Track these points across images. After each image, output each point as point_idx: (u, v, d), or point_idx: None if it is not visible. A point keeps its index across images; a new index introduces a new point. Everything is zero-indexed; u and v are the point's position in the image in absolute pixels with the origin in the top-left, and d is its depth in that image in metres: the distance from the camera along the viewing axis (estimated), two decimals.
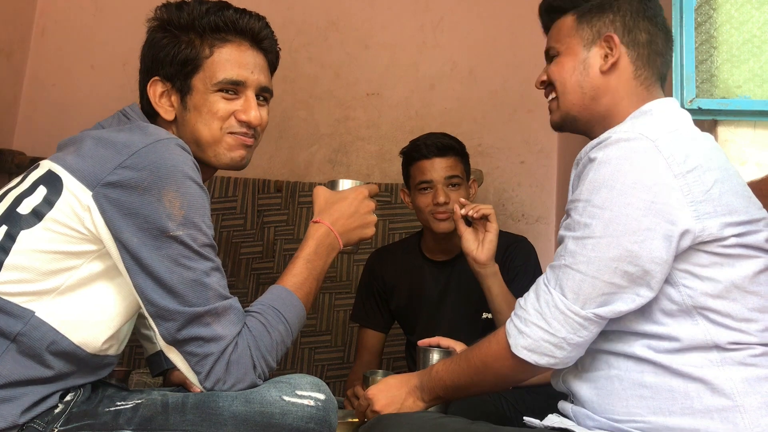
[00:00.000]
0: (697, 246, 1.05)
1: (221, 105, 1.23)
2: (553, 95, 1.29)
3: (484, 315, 1.91)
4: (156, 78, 1.24)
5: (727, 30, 1.68)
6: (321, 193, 1.37)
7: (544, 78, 1.30)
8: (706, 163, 1.08)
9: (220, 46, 1.24)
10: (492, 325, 1.90)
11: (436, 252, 2.00)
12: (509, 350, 1.12)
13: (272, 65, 1.35)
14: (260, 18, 1.29)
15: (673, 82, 1.68)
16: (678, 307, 1.06)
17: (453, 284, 1.97)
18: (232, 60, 1.24)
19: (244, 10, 1.27)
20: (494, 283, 1.68)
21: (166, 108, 1.24)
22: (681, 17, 1.68)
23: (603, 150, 1.09)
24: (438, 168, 1.88)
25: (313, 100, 2.82)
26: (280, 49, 1.36)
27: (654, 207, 1.04)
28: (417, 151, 1.92)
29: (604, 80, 1.23)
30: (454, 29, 2.89)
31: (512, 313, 1.15)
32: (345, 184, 1.39)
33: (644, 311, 1.08)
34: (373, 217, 1.36)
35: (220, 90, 1.23)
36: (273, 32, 1.32)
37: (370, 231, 1.36)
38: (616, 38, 1.22)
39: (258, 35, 1.28)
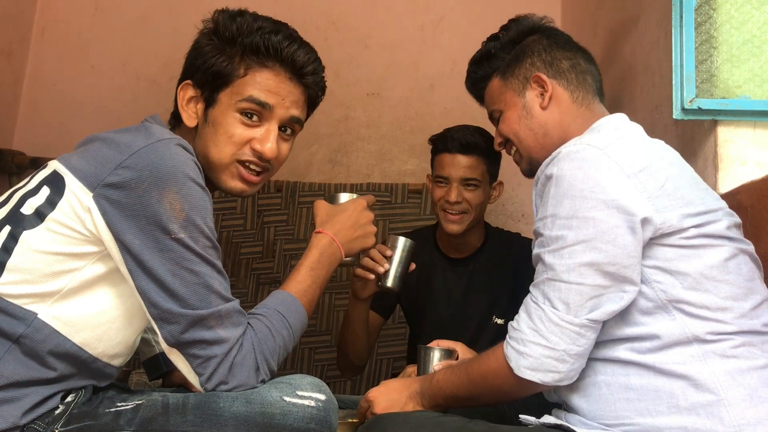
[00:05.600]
0: (660, 240, 1.09)
1: (238, 129, 1.20)
2: (514, 149, 1.40)
3: (495, 319, 1.88)
4: (188, 82, 1.22)
5: (727, 30, 1.68)
6: (322, 206, 1.39)
7: (500, 139, 1.43)
8: (656, 162, 1.13)
9: (256, 70, 1.21)
10: (502, 330, 1.87)
11: (450, 248, 1.97)
12: (511, 371, 1.12)
13: (311, 101, 1.31)
14: (309, 51, 1.25)
15: (673, 82, 1.68)
16: (654, 304, 1.08)
17: (464, 284, 1.93)
18: (263, 84, 1.20)
19: (294, 39, 1.23)
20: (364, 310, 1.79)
21: (189, 113, 1.22)
22: (681, 17, 1.67)
23: (556, 165, 1.13)
24: (457, 166, 1.83)
25: None
26: (326, 86, 1.32)
27: (615, 204, 1.08)
28: (442, 143, 1.88)
29: (548, 115, 1.33)
30: (454, 29, 2.89)
31: (507, 337, 1.15)
32: (344, 197, 1.45)
33: (623, 314, 1.09)
34: (373, 228, 1.40)
35: (243, 112, 1.20)
36: (322, 69, 1.29)
37: (371, 240, 1.39)
38: (543, 75, 1.33)
39: (301, 69, 1.24)
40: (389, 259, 1.63)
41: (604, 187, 1.08)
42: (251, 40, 1.20)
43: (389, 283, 1.63)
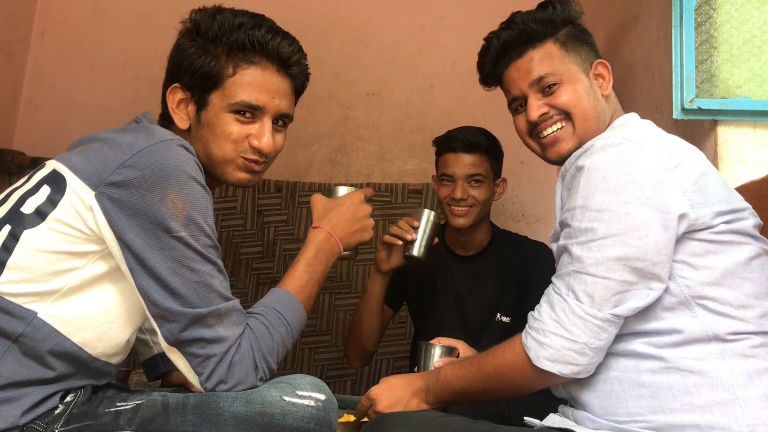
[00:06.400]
0: (689, 234, 1.08)
1: (235, 128, 1.21)
2: (560, 124, 1.29)
3: (500, 317, 1.90)
4: (177, 85, 1.22)
5: (727, 30, 1.68)
6: (318, 200, 1.39)
7: (546, 109, 1.29)
8: (687, 160, 1.13)
9: (244, 68, 1.20)
10: (508, 328, 1.89)
11: (458, 246, 2.00)
12: (529, 362, 1.11)
13: (298, 90, 1.31)
14: (292, 42, 1.25)
15: (673, 82, 1.68)
16: (677, 299, 1.08)
17: (470, 281, 1.96)
18: (254, 83, 1.21)
19: (277, 31, 1.23)
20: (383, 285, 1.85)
21: (181, 116, 1.22)
22: (681, 17, 1.67)
23: (590, 157, 1.12)
24: (461, 164, 1.89)
25: (313, 99, 2.82)
26: (310, 73, 1.32)
27: (649, 201, 1.07)
28: (446, 144, 1.94)
29: (605, 103, 1.31)
30: (454, 29, 2.89)
31: (527, 326, 1.14)
32: (341, 191, 1.44)
33: (644, 309, 1.09)
34: (371, 221, 1.39)
35: (236, 111, 1.20)
36: (305, 56, 1.28)
37: (368, 234, 1.39)
38: (608, 64, 1.32)
39: (287, 60, 1.24)
40: (415, 229, 1.72)
41: (639, 182, 1.08)
42: (236, 37, 1.20)
43: (416, 251, 1.72)
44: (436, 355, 1.42)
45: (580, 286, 1.08)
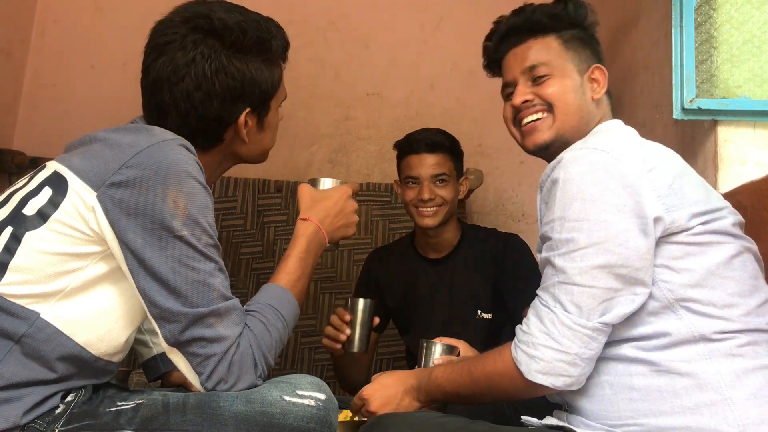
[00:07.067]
0: (667, 238, 1.09)
1: (277, 118, 1.32)
2: (541, 114, 1.31)
3: (480, 314, 1.92)
4: (250, 109, 1.21)
5: (727, 30, 1.68)
6: (306, 191, 1.40)
7: (532, 97, 1.31)
8: (661, 164, 1.13)
9: (284, 67, 1.29)
10: (489, 325, 1.91)
11: (428, 249, 2.01)
12: (519, 373, 1.11)
13: None
14: None
15: (673, 82, 1.68)
16: (660, 304, 1.08)
17: (446, 282, 1.97)
18: (282, 76, 1.30)
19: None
20: None
21: (245, 132, 1.23)
22: (681, 17, 1.68)
23: (563, 168, 1.12)
24: (425, 165, 1.91)
25: (313, 100, 2.82)
26: None
27: (626, 209, 1.08)
28: (407, 146, 1.96)
29: (593, 106, 1.31)
30: (454, 29, 2.89)
31: (515, 340, 1.14)
32: (327, 183, 1.45)
33: (630, 315, 1.09)
34: (356, 217, 1.41)
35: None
36: None
37: (353, 230, 1.41)
38: (605, 70, 1.32)
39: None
40: (350, 323, 1.68)
41: (614, 190, 1.08)
42: (281, 47, 1.26)
43: (354, 348, 1.68)
44: (437, 353, 1.43)
45: (567, 297, 1.08)
